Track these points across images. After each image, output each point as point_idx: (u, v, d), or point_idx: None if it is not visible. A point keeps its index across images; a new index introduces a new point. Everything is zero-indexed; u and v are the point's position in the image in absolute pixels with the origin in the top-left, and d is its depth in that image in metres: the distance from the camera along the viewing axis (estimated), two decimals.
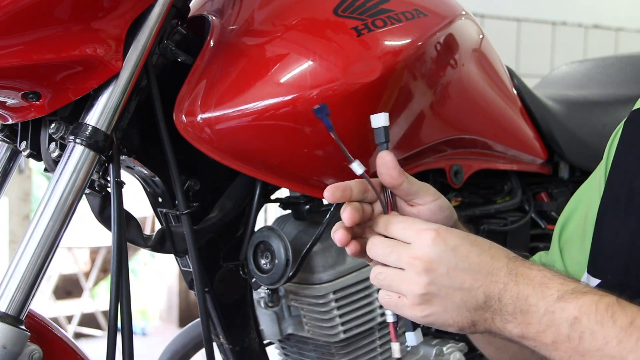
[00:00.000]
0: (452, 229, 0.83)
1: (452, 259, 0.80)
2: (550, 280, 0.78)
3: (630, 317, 0.74)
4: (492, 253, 0.81)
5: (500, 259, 0.81)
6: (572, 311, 0.76)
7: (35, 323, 0.93)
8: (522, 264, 0.81)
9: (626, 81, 1.74)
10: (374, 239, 0.85)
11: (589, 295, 0.76)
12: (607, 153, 0.99)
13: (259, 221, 1.16)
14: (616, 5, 3.55)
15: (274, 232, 1.11)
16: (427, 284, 0.79)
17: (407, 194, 0.88)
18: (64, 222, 0.88)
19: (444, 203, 0.90)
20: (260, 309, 1.22)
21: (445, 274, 0.79)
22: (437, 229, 0.81)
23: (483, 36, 1.30)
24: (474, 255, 0.80)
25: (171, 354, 1.57)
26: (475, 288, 0.79)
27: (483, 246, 0.82)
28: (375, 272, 0.84)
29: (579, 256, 0.98)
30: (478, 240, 0.83)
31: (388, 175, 0.86)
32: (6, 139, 1.06)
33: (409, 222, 0.84)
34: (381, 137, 0.87)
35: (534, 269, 0.80)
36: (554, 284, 0.78)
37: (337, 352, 1.19)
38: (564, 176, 1.56)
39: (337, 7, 1.05)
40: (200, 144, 1.03)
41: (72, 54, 0.88)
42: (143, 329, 4.50)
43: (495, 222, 1.40)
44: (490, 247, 0.82)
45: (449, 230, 0.82)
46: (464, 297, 0.79)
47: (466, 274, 0.79)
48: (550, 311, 0.76)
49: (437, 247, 0.80)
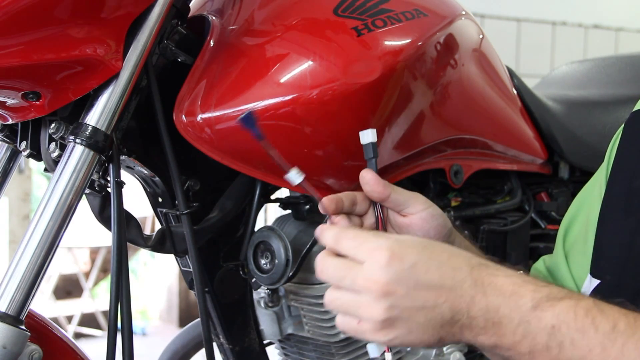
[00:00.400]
0: (406, 240, 0.77)
1: (410, 278, 0.74)
2: (521, 287, 0.74)
3: (612, 322, 0.72)
4: (453, 264, 0.76)
5: (462, 269, 0.76)
6: (549, 320, 0.73)
7: (35, 323, 0.93)
8: (487, 272, 0.76)
9: (626, 81, 1.74)
10: (324, 259, 0.79)
11: (565, 301, 0.73)
12: (608, 155, 0.99)
13: (259, 221, 1.16)
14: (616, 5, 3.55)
15: (274, 232, 1.11)
16: (387, 309, 0.74)
17: (396, 205, 0.88)
18: (64, 222, 0.88)
19: (436, 211, 0.89)
20: (260, 309, 1.22)
21: (406, 295, 0.74)
22: (390, 247, 0.75)
23: (483, 36, 1.30)
24: (434, 269, 0.75)
25: (171, 354, 1.57)
26: (440, 304, 0.74)
27: (442, 258, 0.76)
28: (330, 297, 0.78)
29: (581, 259, 0.98)
30: (436, 250, 0.77)
31: (373, 192, 0.86)
32: (6, 139, 1.06)
33: (360, 239, 0.77)
34: (369, 153, 0.88)
35: (501, 275, 0.75)
36: (526, 292, 0.74)
37: (337, 352, 1.19)
38: (564, 176, 1.56)
39: (337, 7, 1.05)
40: (200, 144, 1.03)
41: (72, 54, 0.88)
42: (143, 329, 4.50)
43: (495, 222, 1.40)
44: (449, 257, 0.77)
45: (403, 244, 0.76)
46: (428, 316, 0.75)
47: (428, 292, 0.74)
48: (525, 321, 0.73)
49: (393, 267, 0.74)
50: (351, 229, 0.80)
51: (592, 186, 1.02)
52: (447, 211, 1.32)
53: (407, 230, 0.89)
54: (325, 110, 1.01)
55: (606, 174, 0.97)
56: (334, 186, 1.10)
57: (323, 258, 0.79)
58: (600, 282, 0.92)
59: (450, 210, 1.32)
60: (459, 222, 1.34)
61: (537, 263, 1.11)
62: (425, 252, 0.76)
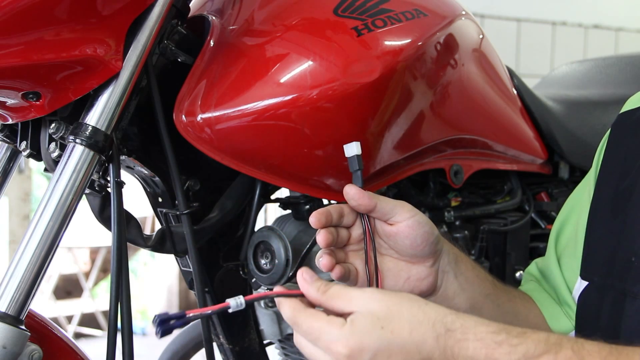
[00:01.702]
0: (362, 326, 0.72)
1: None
2: (495, 350, 0.71)
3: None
4: (416, 339, 0.72)
5: (427, 341, 0.72)
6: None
7: (35, 323, 0.93)
8: (455, 338, 0.72)
9: (626, 81, 1.74)
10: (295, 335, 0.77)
11: (544, 357, 0.70)
12: (597, 157, 0.99)
13: (259, 221, 1.16)
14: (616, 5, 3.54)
15: (274, 232, 1.11)
16: None
17: (383, 214, 0.88)
18: (64, 222, 0.88)
19: (422, 219, 0.88)
20: (260, 309, 1.22)
21: None
22: (347, 343, 0.72)
23: (483, 36, 1.30)
24: (397, 352, 0.71)
25: (171, 354, 1.57)
26: None
27: (403, 335, 0.72)
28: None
29: (572, 262, 0.98)
30: (396, 327, 0.72)
31: (359, 205, 0.86)
32: (6, 139, 1.06)
33: (315, 332, 0.74)
34: (355, 165, 0.88)
35: (470, 340, 0.71)
36: (501, 355, 0.70)
37: None
38: (564, 176, 1.56)
39: (337, 7, 1.05)
40: (200, 144, 1.03)
41: (72, 54, 0.88)
42: (143, 329, 4.50)
43: (495, 222, 1.40)
44: (411, 331, 0.72)
45: (360, 334, 0.72)
46: None
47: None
48: None
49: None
50: (303, 317, 0.76)
51: (582, 189, 1.02)
52: (447, 211, 1.32)
53: (394, 239, 0.89)
54: (325, 110, 1.01)
55: (594, 177, 0.97)
56: (334, 186, 1.10)
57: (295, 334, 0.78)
58: (588, 283, 0.92)
59: (450, 210, 1.32)
60: (459, 222, 1.35)
61: (530, 267, 1.11)
62: (385, 336, 0.72)
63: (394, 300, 0.75)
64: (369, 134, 1.06)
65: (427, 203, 1.30)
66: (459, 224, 1.35)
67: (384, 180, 1.16)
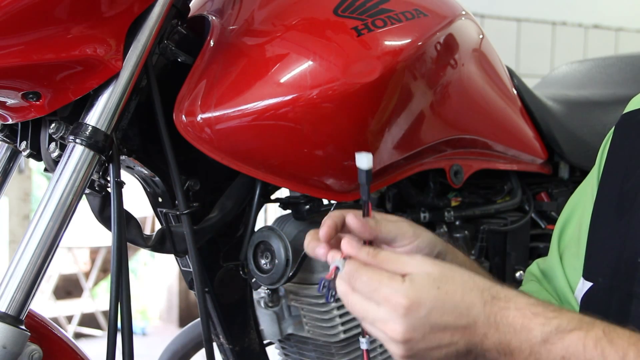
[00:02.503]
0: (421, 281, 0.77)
1: (426, 324, 0.76)
2: (531, 320, 0.76)
3: (621, 353, 0.72)
4: (467, 302, 0.77)
5: (476, 305, 0.77)
6: (559, 352, 0.74)
7: (35, 323, 0.93)
8: (499, 306, 0.77)
9: (626, 81, 1.74)
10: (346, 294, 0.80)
11: (575, 332, 0.75)
12: (599, 157, 0.99)
13: (259, 221, 1.16)
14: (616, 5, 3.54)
15: (274, 232, 1.11)
16: (406, 351, 0.77)
17: (385, 241, 0.88)
18: (64, 222, 0.88)
19: (422, 243, 0.89)
20: (260, 309, 1.22)
21: (422, 339, 0.77)
22: (406, 295, 0.76)
23: (483, 36, 1.30)
24: (449, 312, 0.77)
25: (171, 354, 1.57)
26: (455, 342, 0.77)
27: (456, 297, 0.77)
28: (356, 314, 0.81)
29: (575, 262, 0.98)
30: (450, 289, 0.77)
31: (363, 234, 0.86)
32: (6, 139, 1.06)
33: (374, 283, 0.78)
34: (363, 178, 0.87)
35: (512, 308, 0.77)
36: (536, 325, 0.76)
37: (337, 352, 1.19)
38: (564, 176, 1.56)
39: (337, 7, 1.05)
40: (200, 144, 1.03)
41: (72, 54, 0.88)
42: (143, 329, 4.50)
43: (495, 222, 1.40)
44: (463, 294, 0.77)
45: (419, 288, 0.77)
46: (443, 352, 0.77)
47: (444, 333, 0.77)
48: (535, 351, 0.75)
49: (409, 317, 0.76)
50: (363, 270, 0.79)
51: (585, 189, 1.02)
52: (447, 211, 1.32)
53: None
54: (325, 110, 1.01)
55: (597, 177, 0.97)
56: (334, 186, 1.10)
57: (345, 293, 0.80)
58: (593, 284, 0.92)
59: (450, 210, 1.32)
60: (459, 222, 1.35)
61: (531, 267, 1.11)
62: (440, 295, 0.77)
63: (446, 266, 0.80)
64: (369, 133, 1.06)
65: (427, 203, 1.30)
66: (459, 224, 1.35)
67: (384, 180, 1.16)
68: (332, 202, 1.16)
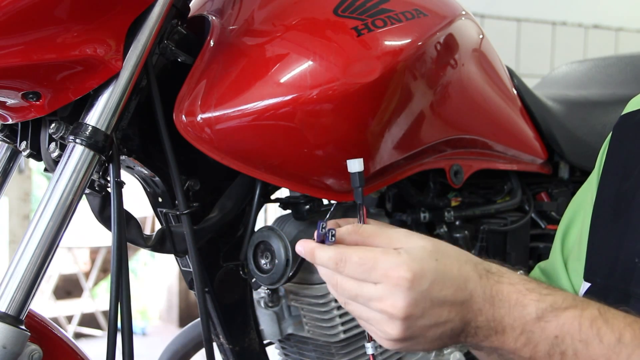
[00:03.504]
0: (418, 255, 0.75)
1: (427, 298, 0.74)
2: (525, 296, 0.75)
3: (617, 333, 0.72)
4: (464, 275, 0.76)
5: (472, 278, 0.76)
6: (553, 330, 0.73)
7: (35, 323, 0.93)
8: (493, 280, 0.76)
9: (626, 81, 1.74)
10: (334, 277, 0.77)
11: (570, 310, 0.74)
12: (599, 159, 0.99)
13: (259, 221, 1.16)
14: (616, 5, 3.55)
15: (274, 232, 1.11)
16: (404, 330, 0.75)
17: None
18: (64, 222, 0.88)
19: None
20: (260, 309, 1.22)
21: (422, 316, 0.74)
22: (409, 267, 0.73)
23: (483, 36, 1.30)
24: (448, 285, 0.75)
25: (171, 354, 1.57)
26: (452, 319, 0.75)
27: (453, 270, 0.75)
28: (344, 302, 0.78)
29: (578, 265, 0.98)
30: (448, 262, 0.76)
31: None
32: (6, 139, 1.06)
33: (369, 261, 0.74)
34: (356, 182, 0.88)
35: (505, 282, 0.76)
36: (530, 302, 0.74)
37: (337, 352, 1.19)
38: (564, 176, 1.56)
39: (337, 7, 1.05)
40: (200, 144, 1.03)
41: (72, 54, 0.88)
42: (143, 329, 4.50)
43: (495, 222, 1.40)
44: (459, 267, 0.76)
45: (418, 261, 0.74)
46: (439, 330, 0.76)
47: (442, 308, 0.75)
48: (528, 330, 0.74)
49: (413, 291, 0.73)
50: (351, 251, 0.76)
51: (585, 191, 1.02)
52: (447, 211, 1.32)
53: None
54: (325, 110, 1.01)
55: (597, 178, 0.97)
56: (334, 186, 1.10)
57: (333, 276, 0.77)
58: (591, 285, 0.92)
59: (450, 210, 1.32)
60: (459, 222, 1.35)
61: (533, 272, 1.10)
62: (440, 267, 0.75)
63: (436, 240, 0.78)
64: (369, 134, 1.06)
65: (427, 203, 1.30)
66: (459, 224, 1.35)
67: (384, 180, 1.16)
68: (332, 202, 1.16)
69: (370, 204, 1.33)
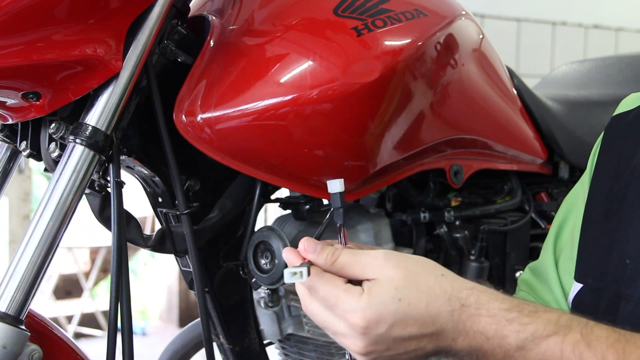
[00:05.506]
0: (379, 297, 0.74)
1: (389, 338, 0.74)
2: (505, 327, 0.73)
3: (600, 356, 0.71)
4: (432, 311, 0.74)
5: (442, 314, 0.74)
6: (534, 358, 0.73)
7: (35, 323, 0.93)
8: (468, 313, 0.74)
9: (626, 81, 1.74)
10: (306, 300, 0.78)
11: (552, 338, 0.72)
12: (591, 159, 0.99)
13: (259, 221, 1.16)
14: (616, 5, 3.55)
15: (274, 232, 1.11)
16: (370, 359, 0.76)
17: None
18: (64, 222, 0.88)
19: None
20: (260, 309, 1.22)
21: (387, 349, 0.75)
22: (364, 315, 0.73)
23: (483, 36, 1.30)
24: (412, 323, 0.74)
25: (171, 354, 1.57)
26: (422, 347, 0.75)
27: (420, 308, 0.74)
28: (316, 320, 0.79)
29: (568, 264, 0.98)
30: (413, 299, 0.74)
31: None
32: (6, 139, 1.06)
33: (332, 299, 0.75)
34: (337, 203, 0.88)
35: (483, 315, 0.74)
36: (510, 332, 0.73)
37: (337, 352, 1.19)
38: (564, 176, 1.56)
39: (337, 7, 1.05)
40: (200, 144, 1.03)
41: (72, 54, 0.88)
42: (143, 329, 4.50)
43: (495, 222, 1.40)
44: (427, 304, 0.74)
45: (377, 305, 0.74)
46: (410, 356, 0.76)
47: (409, 342, 0.75)
48: (510, 356, 0.73)
49: (369, 334, 0.74)
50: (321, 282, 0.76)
51: (577, 192, 1.02)
52: (447, 211, 1.32)
53: None
54: (326, 110, 1.01)
55: (589, 179, 0.97)
56: None
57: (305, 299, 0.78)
58: (583, 286, 0.92)
59: (450, 210, 1.33)
60: (459, 222, 1.35)
61: (524, 274, 1.08)
62: (402, 308, 0.74)
63: (410, 268, 0.76)
64: (369, 134, 1.07)
65: (427, 203, 1.30)
66: (459, 224, 1.35)
67: (384, 180, 1.16)
68: None
69: (370, 204, 1.33)
